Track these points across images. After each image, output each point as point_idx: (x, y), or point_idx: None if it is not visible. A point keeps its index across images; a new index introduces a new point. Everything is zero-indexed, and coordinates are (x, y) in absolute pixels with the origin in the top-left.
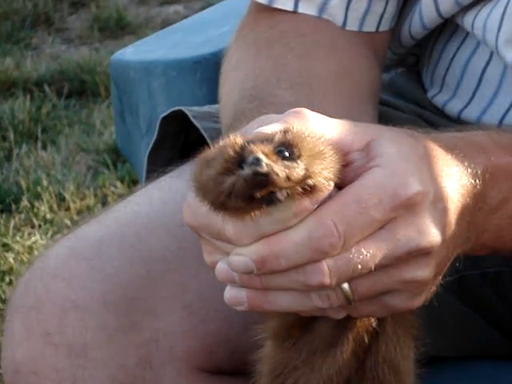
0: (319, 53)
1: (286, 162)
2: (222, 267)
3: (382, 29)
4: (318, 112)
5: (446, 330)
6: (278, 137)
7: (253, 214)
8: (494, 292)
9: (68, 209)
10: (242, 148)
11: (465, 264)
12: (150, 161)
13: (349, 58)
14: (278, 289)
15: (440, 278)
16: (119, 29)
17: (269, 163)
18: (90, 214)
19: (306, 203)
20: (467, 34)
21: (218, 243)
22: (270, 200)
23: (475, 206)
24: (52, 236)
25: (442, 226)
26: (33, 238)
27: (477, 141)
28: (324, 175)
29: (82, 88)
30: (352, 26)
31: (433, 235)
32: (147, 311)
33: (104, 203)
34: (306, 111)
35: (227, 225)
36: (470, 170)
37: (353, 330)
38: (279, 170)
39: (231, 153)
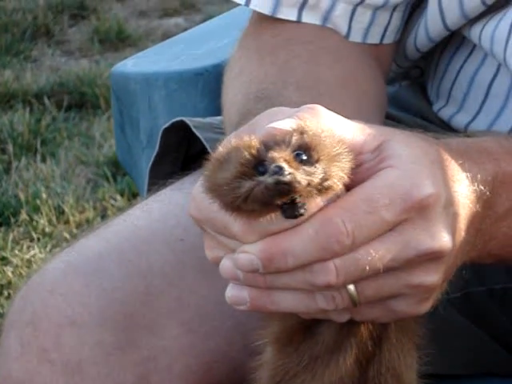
0: (325, 59)
1: (306, 168)
2: (226, 264)
3: (386, 41)
4: None
5: (451, 348)
6: (295, 139)
7: (266, 217)
8: (500, 309)
9: (67, 222)
10: (259, 150)
11: (471, 281)
12: (152, 174)
13: (355, 66)
14: (283, 288)
15: (446, 284)
16: (119, 41)
17: (292, 172)
18: (89, 227)
19: (317, 200)
20: (474, 46)
21: (222, 239)
22: (290, 210)
23: (484, 212)
24: (51, 249)
25: (453, 231)
26: (31, 252)
27: (487, 147)
28: (339, 176)
29: (81, 100)
30: (356, 37)
31: (444, 240)
32: (145, 328)
33: (103, 216)
34: (320, 107)
35: (235, 221)
36: (479, 177)
37: (356, 337)
38: (301, 178)
39: (247, 156)
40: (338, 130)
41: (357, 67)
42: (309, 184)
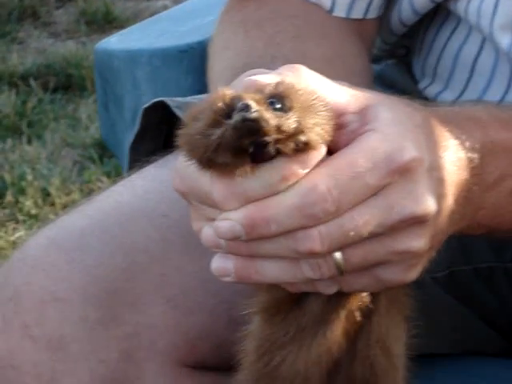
0: (311, 35)
1: (277, 113)
2: (207, 232)
3: (369, 16)
4: None
5: (438, 327)
6: (269, 88)
7: (241, 171)
8: (486, 288)
9: (53, 204)
10: (232, 99)
11: (456, 259)
12: (133, 152)
13: (340, 43)
14: (266, 256)
15: (434, 252)
16: (106, 23)
17: (259, 109)
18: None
19: (296, 166)
20: (458, 22)
21: (206, 209)
22: (260, 154)
23: (472, 181)
24: None
25: (438, 195)
26: (17, 234)
27: (476, 115)
28: (317, 131)
29: (68, 82)
30: (340, 12)
31: (428, 203)
32: (129, 304)
33: None
34: (303, 67)
35: (214, 186)
36: (467, 144)
37: (345, 308)
38: (269, 116)
39: (220, 104)
40: (320, 89)
41: (343, 44)
42: (279, 128)
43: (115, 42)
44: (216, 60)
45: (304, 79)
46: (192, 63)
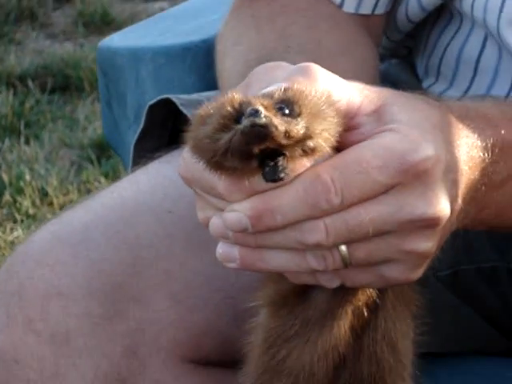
0: (323, 25)
1: (286, 118)
2: (216, 223)
3: (377, 11)
4: None
5: (440, 326)
6: (278, 93)
7: (249, 174)
8: (489, 287)
9: (51, 204)
10: (241, 104)
11: (460, 259)
12: (137, 149)
13: (351, 33)
14: (273, 247)
15: (439, 250)
16: (104, 24)
17: (268, 115)
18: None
19: (304, 160)
20: (461, 21)
21: (211, 199)
22: (268, 163)
23: (481, 180)
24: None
25: (451, 198)
26: (15, 233)
27: (487, 112)
28: (324, 137)
29: (65, 83)
30: (349, 7)
31: (441, 207)
32: (133, 299)
33: None
34: (315, 67)
35: (219, 181)
36: (479, 143)
37: (351, 302)
38: (278, 122)
39: (229, 108)
40: (333, 90)
41: (354, 34)
42: (287, 134)
43: (118, 39)
44: (227, 55)
45: (316, 80)
46: (195, 61)
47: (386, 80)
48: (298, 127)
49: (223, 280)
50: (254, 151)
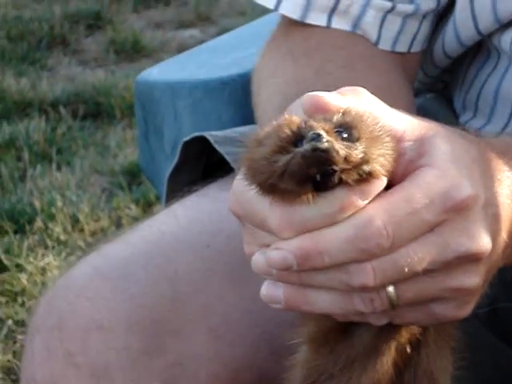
0: (359, 65)
1: (346, 143)
2: (259, 259)
3: (413, 49)
4: None
5: (479, 365)
6: (337, 117)
7: (303, 198)
8: None
9: (82, 230)
10: (299, 127)
11: (499, 296)
12: (171, 183)
13: (387, 74)
14: (317, 287)
15: (486, 286)
16: (135, 52)
17: (330, 140)
18: (103, 236)
19: (356, 197)
20: (499, 58)
21: (260, 233)
22: (324, 183)
23: None
24: (65, 257)
25: (493, 232)
26: (46, 259)
27: None
28: (381, 162)
29: (97, 110)
30: (385, 45)
31: (483, 241)
32: (172, 333)
33: (118, 225)
34: (363, 90)
35: (272, 212)
36: None
37: (395, 339)
38: (339, 148)
39: (287, 131)
40: (380, 114)
41: (389, 75)
42: (347, 159)
43: (156, 73)
44: (263, 87)
45: (363, 100)
46: (233, 95)
47: (423, 115)
48: (357, 152)
49: (261, 315)
50: (313, 174)
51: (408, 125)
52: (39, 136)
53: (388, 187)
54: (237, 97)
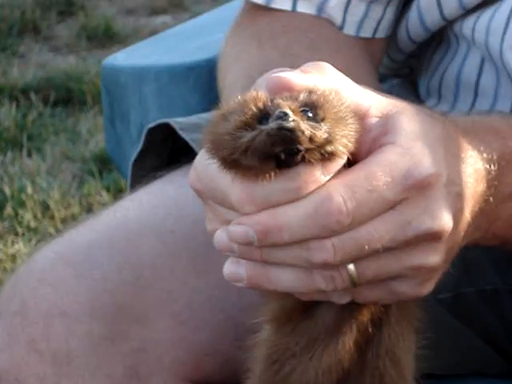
0: (325, 48)
1: (311, 123)
2: (221, 236)
3: (378, 35)
4: None
5: (440, 348)
6: (303, 96)
7: (264, 175)
8: (490, 310)
9: (52, 217)
10: (265, 104)
11: (461, 281)
12: (136, 168)
13: (352, 58)
14: (279, 264)
15: (448, 265)
16: (107, 38)
17: (296, 119)
18: (74, 223)
19: (318, 173)
20: (458, 44)
21: (221, 210)
22: (287, 161)
23: (488, 192)
24: (36, 244)
25: (455, 211)
26: (16, 246)
27: (494, 125)
28: (344, 143)
29: (68, 96)
30: (349, 29)
31: (445, 220)
32: (135, 319)
33: (89, 212)
34: (327, 65)
35: (234, 188)
36: (485, 155)
37: (356, 319)
38: (305, 127)
39: (253, 107)
40: (344, 90)
41: (354, 60)
42: (311, 139)
43: (122, 58)
44: (228, 71)
45: (327, 75)
46: (199, 80)
47: None
48: (321, 132)
49: (225, 300)
50: (276, 152)
51: (374, 101)
52: (10, 122)
53: (353, 165)
54: (203, 82)
